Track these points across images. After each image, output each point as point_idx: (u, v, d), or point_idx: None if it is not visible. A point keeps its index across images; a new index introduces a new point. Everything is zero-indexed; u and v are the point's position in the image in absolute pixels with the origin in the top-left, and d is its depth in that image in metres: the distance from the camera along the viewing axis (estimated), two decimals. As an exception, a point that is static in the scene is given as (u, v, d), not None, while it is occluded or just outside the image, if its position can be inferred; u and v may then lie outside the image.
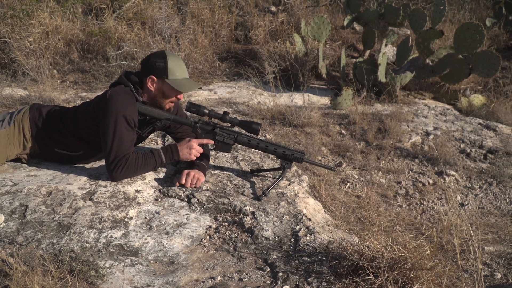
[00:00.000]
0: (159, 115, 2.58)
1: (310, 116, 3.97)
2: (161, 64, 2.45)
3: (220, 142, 2.62)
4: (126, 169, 2.43)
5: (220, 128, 2.62)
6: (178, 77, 2.48)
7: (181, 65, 2.50)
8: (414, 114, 4.37)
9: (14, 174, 2.60)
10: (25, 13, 5.43)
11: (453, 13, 7.52)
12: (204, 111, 2.57)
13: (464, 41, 4.48)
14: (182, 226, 2.22)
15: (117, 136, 2.39)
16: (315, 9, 7.16)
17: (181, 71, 2.49)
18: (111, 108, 2.39)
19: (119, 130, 2.39)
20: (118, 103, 2.40)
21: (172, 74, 2.46)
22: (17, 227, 2.09)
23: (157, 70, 2.46)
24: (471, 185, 3.33)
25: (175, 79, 2.47)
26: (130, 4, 6.32)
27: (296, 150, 2.60)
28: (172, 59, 2.47)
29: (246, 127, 2.59)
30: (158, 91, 2.52)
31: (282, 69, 5.10)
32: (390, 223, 2.74)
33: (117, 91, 2.45)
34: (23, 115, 2.63)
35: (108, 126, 2.39)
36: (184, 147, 2.56)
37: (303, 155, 2.58)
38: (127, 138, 2.42)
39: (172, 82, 2.46)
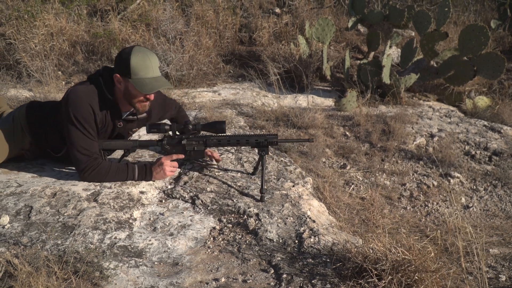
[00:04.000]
0: (124, 146, 2.61)
1: (314, 118, 3.96)
2: (124, 62, 2.35)
3: (191, 151, 2.63)
4: (96, 173, 2.45)
5: (187, 138, 2.62)
6: (142, 77, 2.37)
7: (146, 63, 2.37)
8: (418, 116, 4.36)
9: (19, 175, 2.61)
10: (30, 15, 5.45)
11: (457, 14, 7.50)
12: (165, 128, 2.57)
13: (468, 43, 4.46)
14: (186, 228, 2.23)
15: (79, 137, 2.40)
16: (319, 11, 7.16)
17: (145, 70, 2.37)
18: (66, 109, 2.39)
19: (80, 132, 2.39)
20: (71, 104, 2.38)
21: (134, 74, 2.36)
22: (22, 228, 2.10)
23: (121, 69, 2.38)
24: (475, 187, 3.32)
25: (138, 79, 2.37)
26: (134, 6, 6.33)
27: (268, 134, 2.57)
28: (137, 56, 2.35)
29: (211, 129, 2.60)
30: (125, 90, 2.45)
31: (286, 71, 5.10)
32: (394, 225, 2.74)
33: (74, 90, 2.42)
34: (20, 112, 2.65)
35: (67, 127, 2.40)
36: (157, 167, 2.57)
37: (276, 137, 2.55)
38: (88, 138, 2.41)
39: (134, 82, 2.37)
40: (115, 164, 2.50)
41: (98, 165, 2.43)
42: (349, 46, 6.35)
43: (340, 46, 6.37)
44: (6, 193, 2.37)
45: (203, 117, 3.72)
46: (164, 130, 2.58)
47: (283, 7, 7.11)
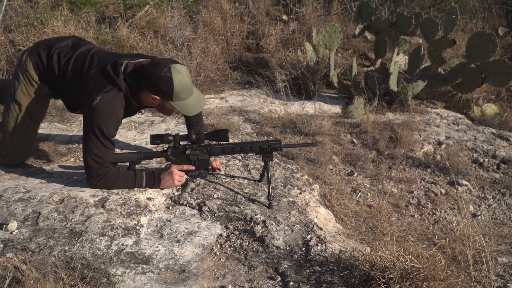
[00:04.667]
0: (129, 158, 2.62)
1: (321, 125, 3.96)
2: (166, 89, 2.36)
3: (196, 161, 2.63)
4: (104, 181, 2.45)
5: (191, 147, 2.62)
6: (184, 99, 2.42)
7: (187, 85, 2.39)
8: (426, 123, 4.35)
9: (27, 181, 2.62)
10: (39, 22, 5.50)
11: (465, 22, 7.48)
12: (169, 139, 2.58)
13: (476, 50, 4.45)
14: (193, 234, 2.23)
15: (97, 146, 2.39)
16: (326, 18, 7.17)
17: (186, 93, 2.41)
18: (94, 118, 2.36)
19: (99, 142, 2.38)
20: (99, 116, 2.36)
21: (177, 97, 2.40)
22: (30, 234, 2.11)
23: (161, 93, 2.40)
24: (484, 195, 3.30)
25: (179, 101, 2.42)
26: (143, 13, 6.37)
27: (272, 140, 2.57)
28: (179, 81, 2.36)
29: (214, 138, 2.61)
30: (160, 106, 2.50)
31: (293, 78, 5.11)
32: (402, 233, 2.72)
33: (103, 102, 2.36)
34: (26, 62, 2.62)
35: (88, 134, 2.38)
36: (166, 175, 2.57)
37: (279, 143, 2.54)
38: (106, 148, 2.41)
39: (176, 105, 2.42)
40: (123, 172, 2.51)
41: (107, 173, 2.43)
42: (356, 53, 6.35)
43: (347, 53, 6.37)
44: (14, 199, 2.38)
45: (210, 124, 3.73)
46: (167, 141, 2.58)
47: (290, 14, 7.13)
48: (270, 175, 2.52)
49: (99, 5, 6.44)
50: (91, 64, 2.49)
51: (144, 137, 3.41)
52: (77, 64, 2.53)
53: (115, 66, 2.42)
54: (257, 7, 7.07)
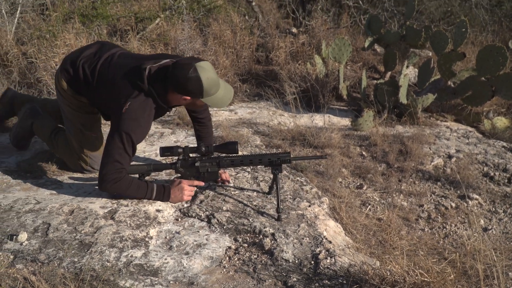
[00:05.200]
0: (138, 171, 2.62)
1: (331, 137, 3.96)
2: (196, 89, 2.38)
3: (205, 173, 2.63)
4: (118, 185, 2.43)
5: (200, 160, 2.62)
6: (213, 93, 2.43)
7: (214, 80, 2.40)
8: (436, 136, 4.33)
9: (37, 192, 2.64)
10: (52, 34, 5.56)
11: (475, 35, 7.47)
12: (178, 151, 2.58)
13: (486, 63, 4.44)
14: (202, 247, 2.22)
15: (119, 152, 2.39)
16: (336, 31, 7.19)
17: (215, 87, 2.43)
18: (123, 124, 2.37)
19: (123, 148, 2.38)
20: (131, 123, 2.38)
21: (207, 94, 2.41)
22: (40, 245, 2.12)
23: (191, 93, 2.41)
24: (494, 209, 3.28)
25: (210, 97, 2.43)
26: (153, 26, 6.43)
27: (281, 153, 2.57)
28: (206, 78, 2.37)
29: (224, 150, 2.61)
30: (190, 103, 2.52)
31: (302, 90, 5.11)
32: (412, 247, 2.70)
33: (133, 108, 2.38)
34: (60, 82, 2.70)
35: (114, 138, 2.38)
36: (175, 190, 2.57)
37: (289, 155, 2.54)
38: (127, 154, 2.41)
39: (207, 101, 2.44)
40: (136, 181, 2.51)
41: (121, 178, 2.42)
42: (365, 66, 6.35)
43: (357, 66, 6.38)
44: (25, 210, 2.40)
45: (220, 136, 3.73)
46: (177, 153, 2.59)
47: (299, 27, 7.17)
48: (279, 187, 2.52)
49: (110, 18, 6.52)
50: (115, 71, 2.52)
51: (153, 149, 3.43)
52: (103, 72, 2.57)
53: (139, 71, 2.44)
54: (266, 20, 7.11)
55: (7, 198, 2.53)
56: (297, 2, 7.68)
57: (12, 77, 5.24)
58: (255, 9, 7.28)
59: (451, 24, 7.99)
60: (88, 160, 2.89)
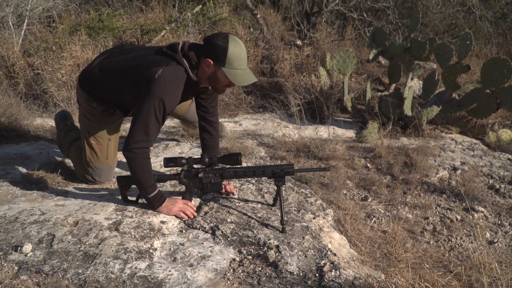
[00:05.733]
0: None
1: (335, 149, 3.96)
2: (221, 50, 2.38)
3: (208, 184, 2.63)
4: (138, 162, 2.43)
5: (204, 171, 2.62)
6: (236, 67, 2.42)
7: (241, 55, 2.41)
8: (441, 148, 4.32)
9: (42, 203, 2.65)
10: (58, 46, 5.61)
11: (479, 47, 7.49)
12: (182, 162, 2.57)
13: (491, 76, 4.44)
14: (206, 259, 2.22)
15: (151, 118, 2.39)
16: (340, 43, 7.23)
17: (239, 62, 2.41)
18: (155, 89, 2.38)
19: (147, 119, 2.39)
20: (165, 88, 2.39)
21: (229, 64, 2.40)
22: (44, 256, 2.12)
23: (215, 56, 2.40)
24: (500, 222, 3.25)
25: (231, 69, 2.41)
26: (159, 38, 6.48)
27: (284, 164, 2.55)
28: (234, 47, 2.38)
29: (227, 161, 2.60)
30: (212, 75, 2.48)
31: (307, 102, 5.13)
32: (417, 260, 2.69)
33: (166, 74, 2.40)
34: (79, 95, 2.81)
35: (145, 106, 2.38)
36: (169, 201, 2.57)
37: (292, 167, 2.52)
38: (158, 122, 2.43)
39: (227, 72, 2.41)
40: (151, 170, 2.50)
41: (146, 158, 2.44)
42: (370, 78, 6.37)
43: (361, 78, 6.40)
44: (29, 221, 2.40)
45: (224, 148, 3.74)
46: (181, 164, 2.59)
47: (304, 39, 7.21)
48: (283, 199, 2.51)
49: (116, 30, 6.57)
50: (140, 52, 2.62)
51: (158, 160, 3.44)
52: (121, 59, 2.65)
53: (172, 45, 2.50)
54: (271, 32, 7.15)
55: (12, 209, 2.54)
56: (302, 15, 7.73)
57: (19, 89, 5.28)
58: (260, 21, 7.32)
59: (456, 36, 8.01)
60: (90, 170, 2.91)
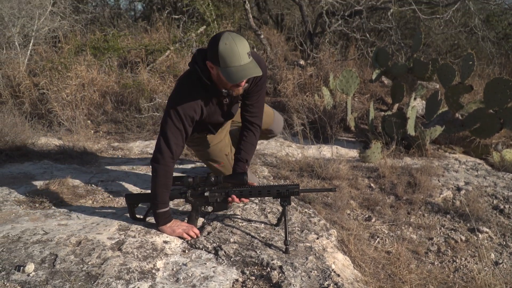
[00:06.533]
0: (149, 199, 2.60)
1: (339, 169, 3.95)
2: (212, 51, 2.32)
3: (214, 203, 2.64)
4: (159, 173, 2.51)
5: (210, 190, 2.62)
6: (229, 65, 2.31)
7: (233, 50, 2.28)
8: (444, 168, 4.31)
9: (45, 223, 2.65)
10: (63, 66, 5.67)
11: (482, 67, 7.52)
12: (188, 180, 2.61)
13: (494, 96, 4.45)
14: (209, 279, 2.20)
15: (162, 134, 2.49)
16: (343, 63, 7.27)
17: (232, 58, 2.29)
18: (168, 102, 2.51)
19: (166, 129, 2.48)
20: (174, 98, 2.49)
21: (223, 62, 2.31)
22: (46, 276, 2.11)
23: (211, 58, 2.36)
24: (505, 242, 3.23)
25: (225, 68, 2.32)
26: (163, 58, 6.54)
27: (290, 184, 2.55)
28: (224, 44, 2.28)
29: (232, 181, 2.62)
30: (217, 76, 2.43)
31: (310, 122, 5.14)
32: (421, 281, 2.66)
33: (179, 82, 2.52)
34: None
35: (163, 120, 2.51)
36: (174, 223, 2.59)
37: (297, 187, 2.51)
38: (172, 138, 2.48)
39: (223, 71, 2.34)
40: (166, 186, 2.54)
41: (156, 170, 2.51)
42: (373, 97, 6.39)
43: (364, 98, 6.42)
44: (32, 240, 2.40)
45: (228, 167, 3.74)
46: (187, 183, 2.61)
47: (307, 59, 7.25)
48: (287, 219, 2.51)
49: (121, 51, 6.64)
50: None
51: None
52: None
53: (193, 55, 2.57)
54: (275, 52, 7.21)
55: (15, 228, 2.54)
56: (305, 35, 7.79)
57: (24, 108, 5.32)
58: (264, 41, 7.38)
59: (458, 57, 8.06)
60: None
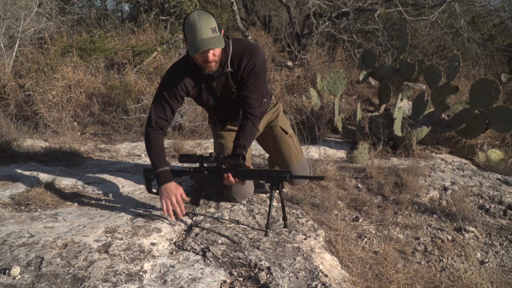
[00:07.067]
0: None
1: (326, 170, 3.97)
2: (183, 29, 2.51)
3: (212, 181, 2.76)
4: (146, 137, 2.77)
5: (209, 168, 2.74)
6: (191, 40, 2.45)
7: (195, 25, 2.41)
8: (431, 168, 4.34)
9: (31, 226, 2.62)
10: (50, 68, 5.63)
11: (468, 68, 7.59)
12: (195, 158, 2.73)
13: (479, 97, 4.50)
14: (197, 281, 2.20)
15: (151, 105, 2.79)
16: (330, 64, 7.30)
17: (194, 33, 2.42)
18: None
19: (153, 101, 2.77)
20: (164, 75, 2.78)
21: (188, 37, 2.46)
22: (32, 279, 2.09)
23: (183, 35, 2.53)
24: (491, 242, 3.26)
25: (190, 42, 2.46)
26: (150, 59, 6.51)
27: (280, 170, 2.60)
28: (188, 20, 2.45)
29: (229, 161, 2.68)
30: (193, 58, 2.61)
31: (298, 123, 5.16)
32: (408, 281, 2.68)
33: (173, 63, 2.81)
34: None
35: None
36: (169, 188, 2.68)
37: (288, 172, 2.55)
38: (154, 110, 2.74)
39: (188, 46, 2.48)
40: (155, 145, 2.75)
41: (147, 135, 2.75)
42: (360, 98, 6.43)
43: (352, 99, 6.45)
44: (18, 243, 2.37)
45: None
46: (193, 160, 2.74)
47: (295, 61, 7.27)
48: (273, 204, 2.57)
49: (108, 52, 6.60)
50: None
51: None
52: None
53: None
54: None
55: (0, 231, 2.51)
56: (293, 36, 7.81)
57: (9, 110, 5.27)
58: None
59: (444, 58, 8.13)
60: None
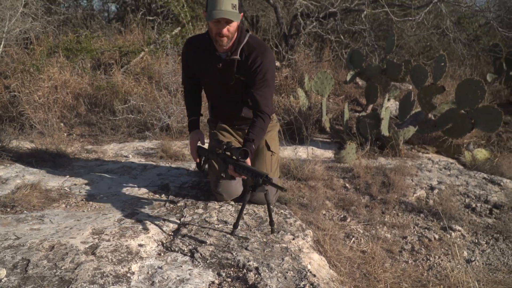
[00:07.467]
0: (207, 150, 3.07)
1: (314, 170, 3.98)
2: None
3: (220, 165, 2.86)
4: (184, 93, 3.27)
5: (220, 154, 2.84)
6: (211, 9, 2.54)
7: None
8: (418, 168, 4.37)
9: (17, 228, 2.59)
10: (35, 68, 5.57)
11: (454, 69, 7.66)
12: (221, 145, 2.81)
13: (465, 97, 4.54)
14: (185, 282, 2.19)
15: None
16: (318, 65, 7.32)
17: (213, 3, 2.52)
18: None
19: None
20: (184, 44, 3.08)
21: (209, 6, 2.56)
22: (19, 282, 2.07)
23: (205, 6, 2.64)
24: (477, 240, 3.29)
25: (209, 11, 2.56)
26: (137, 60, 6.48)
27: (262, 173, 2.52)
28: None
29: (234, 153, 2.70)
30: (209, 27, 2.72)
31: (286, 123, 5.16)
32: (396, 280, 2.69)
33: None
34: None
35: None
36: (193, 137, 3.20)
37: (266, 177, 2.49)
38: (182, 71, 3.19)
39: (207, 14, 2.58)
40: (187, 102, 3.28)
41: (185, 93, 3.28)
42: (348, 98, 6.45)
43: (339, 99, 6.47)
44: (3, 246, 2.35)
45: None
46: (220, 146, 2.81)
47: (283, 61, 7.27)
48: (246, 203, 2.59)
49: (94, 52, 6.56)
50: None
51: (136, 181, 3.41)
52: None
53: None
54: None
55: (-15, 233, 2.48)
56: (280, 37, 7.81)
57: (-6, 111, 5.20)
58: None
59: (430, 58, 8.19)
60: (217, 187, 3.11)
